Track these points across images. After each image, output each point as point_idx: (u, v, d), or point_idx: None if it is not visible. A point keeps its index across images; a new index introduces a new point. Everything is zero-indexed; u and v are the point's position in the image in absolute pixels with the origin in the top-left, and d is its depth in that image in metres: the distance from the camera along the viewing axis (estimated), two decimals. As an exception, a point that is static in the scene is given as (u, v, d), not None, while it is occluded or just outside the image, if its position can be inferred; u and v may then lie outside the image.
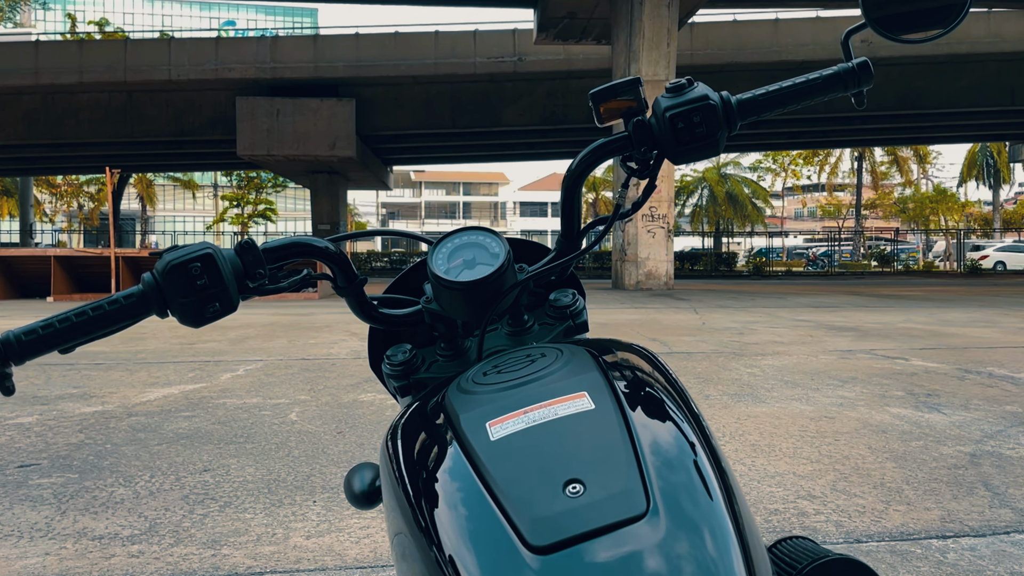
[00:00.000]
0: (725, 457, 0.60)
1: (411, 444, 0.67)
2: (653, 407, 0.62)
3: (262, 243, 0.77)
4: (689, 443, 0.58)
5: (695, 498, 0.52)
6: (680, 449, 0.57)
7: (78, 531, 2.43)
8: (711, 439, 0.60)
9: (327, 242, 0.81)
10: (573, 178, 0.83)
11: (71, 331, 0.69)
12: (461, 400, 0.65)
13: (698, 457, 0.56)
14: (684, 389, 0.67)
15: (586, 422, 0.58)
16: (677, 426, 0.59)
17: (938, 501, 2.71)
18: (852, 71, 0.79)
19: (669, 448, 0.57)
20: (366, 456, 3.30)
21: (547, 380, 0.64)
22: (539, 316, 0.89)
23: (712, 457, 0.58)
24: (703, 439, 0.59)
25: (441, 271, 0.80)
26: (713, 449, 0.59)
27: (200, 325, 0.72)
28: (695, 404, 0.65)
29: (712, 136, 0.77)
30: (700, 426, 0.61)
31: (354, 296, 0.85)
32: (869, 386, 4.86)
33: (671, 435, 0.58)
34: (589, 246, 0.85)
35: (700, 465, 0.56)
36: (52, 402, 4.46)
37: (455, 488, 0.57)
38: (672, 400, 0.63)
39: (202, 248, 0.71)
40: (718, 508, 0.52)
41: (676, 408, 0.62)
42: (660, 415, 0.61)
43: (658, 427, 0.59)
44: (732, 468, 0.59)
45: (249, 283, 0.75)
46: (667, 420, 0.60)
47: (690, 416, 0.62)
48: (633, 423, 0.57)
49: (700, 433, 0.60)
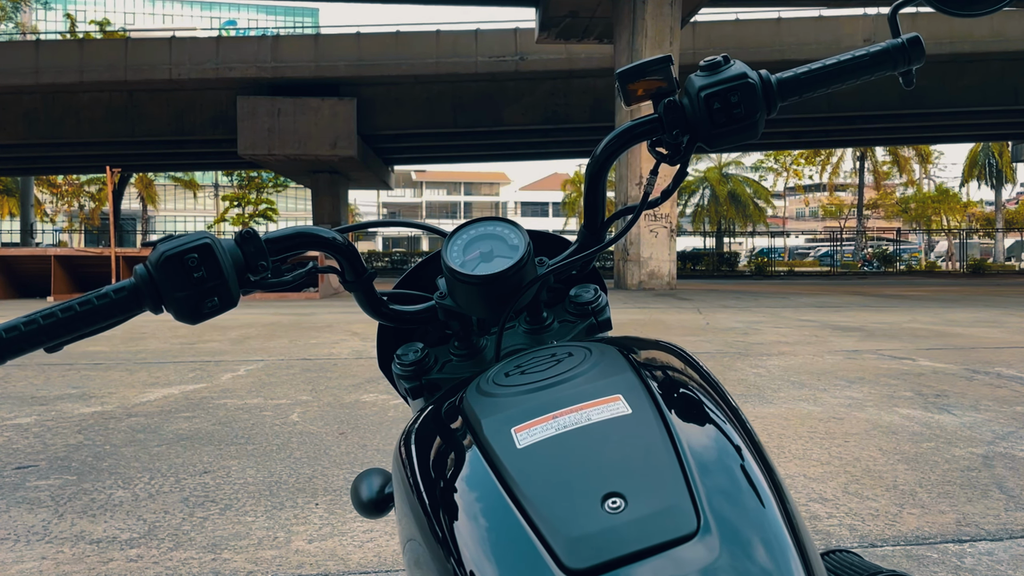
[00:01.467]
0: (773, 461, 0.54)
1: (428, 451, 0.61)
2: (694, 409, 0.56)
3: (264, 233, 0.72)
4: (736, 448, 0.52)
5: (749, 512, 0.47)
6: (728, 456, 0.52)
7: (76, 534, 2.38)
8: (758, 443, 0.55)
9: (335, 232, 0.76)
10: (598, 165, 0.77)
11: (56, 328, 0.63)
12: (482, 403, 0.60)
13: (747, 464, 0.51)
14: (724, 388, 0.62)
15: (623, 428, 0.52)
16: (721, 430, 0.54)
17: (952, 504, 2.66)
18: (902, 47, 0.73)
19: (716, 455, 0.51)
20: (368, 457, 3.25)
21: (576, 382, 0.58)
22: (559, 313, 0.84)
23: (762, 463, 0.52)
24: (750, 443, 0.54)
25: (456, 264, 0.75)
26: (761, 454, 0.54)
27: (197, 321, 0.67)
28: (737, 404, 0.60)
29: (751, 118, 0.72)
30: (745, 429, 0.56)
31: (363, 291, 0.80)
32: (877, 387, 4.81)
33: (716, 441, 0.53)
34: (614, 238, 0.79)
35: (750, 473, 0.50)
36: (51, 402, 4.41)
37: (479, 501, 0.52)
38: (713, 401, 0.58)
39: (199, 238, 0.66)
40: (774, 522, 0.47)
41: (718, 410, 0.57)
42: (702, 418, 0.55)
43: (702, 432, 0.54)
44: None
45: (250, 276, 0.69)
46: (710, 424, 0.55)
47: (734, 418, 0.57)
48: (675, 428, 0.52)
49: (746, 437, 0.55)
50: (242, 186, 39.57)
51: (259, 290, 0.71)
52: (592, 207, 0.80)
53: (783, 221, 61.25)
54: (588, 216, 0.80)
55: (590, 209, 0.80)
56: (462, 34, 24.63)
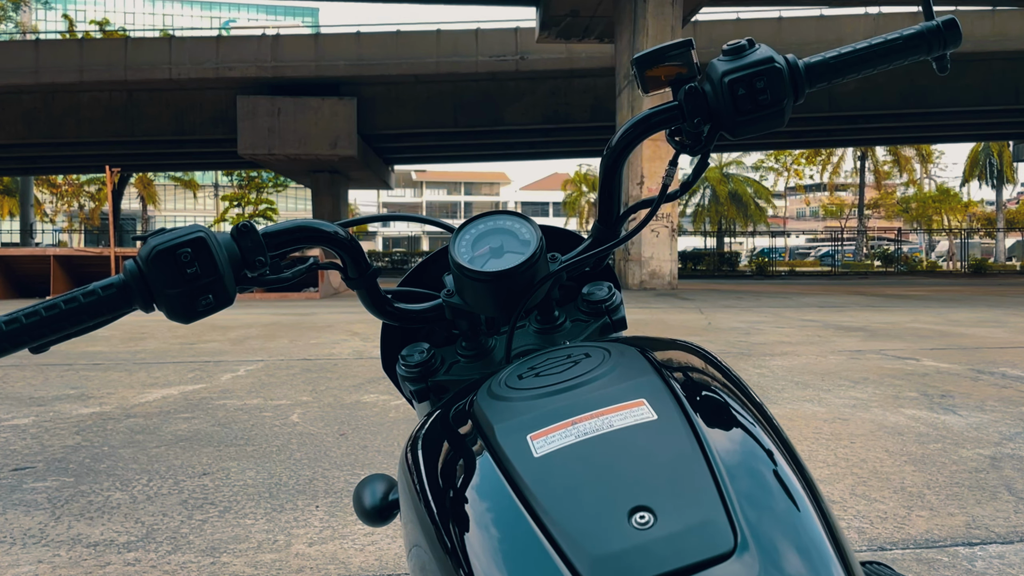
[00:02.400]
0: (806, 464, 0.51)
1: (436, 457, 0.58)
2: (722, 413, 0.53)
3: (263, 227, 0.68)
4: (769, 454, 0.49)
5: (788, 526, 0.44)
6: (761, 463, 0.48)
7: (72, 537, 2.34)
8: (791, 446, 0.52)
9: (337, 226, 0.72)
10: (614, 155, 0.74)
11: (40, 327, 0.60)
12: (494, 408, 0.56)
13: (781, 471, 0.48)
14: (751, 389, 0.58)
15: (649, 435, 0.49)
16: (752, 435, 0.51)
17: (961, 506, 2.62)
18: (937, 30, 0.69)
19: (749, 463, 0.48)
20: (370, 459, 3.21)
21: (596, 385, 0.55)
22: (570, 312, 0.81)
23: (797, 469, 0.49)
24: (783, 448, 0.50)
25: (465, 260, 0.71)
26: (795, 458, 0.50)
27: (191, 320, 0.63)
28: (766, 406, 0.57)
29: (777, 104, 0.68)
30: (777, 432, 0.52)
31: (366, 288, 0.76)
32: (881, 387, 4.77)
33: (748, 447, 0.49)
34: (630, 233, 0.76)
35: (786, 481, 0.47)
36: (49, 403, 4.38)
37: (493, 513, 0.48)
38: (741, 404, 0.54)
39: (193, 231, 0.62)
40: (815, 535, 0.44)
41: (747, 413, 0.53)
42: (732, 422, 0.52)
43: (732, 438, 0.50)
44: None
45: (247, 272, 0.66)
46: (740, 428, 0.51)
47: (764, 421, 0.53)
48: (703, 435, 0.48)
49: (779, 440, 0.51)
50: (242, 186, 39.52)
51: (257, 287, 0.67)
52: (607, 201, 0.76)
53: (784, 221, 61.20)
54: (603, 210, 0.77)
55: (605, 203, 0.76)
56: (463, 33, 24.60)
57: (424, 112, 25.79)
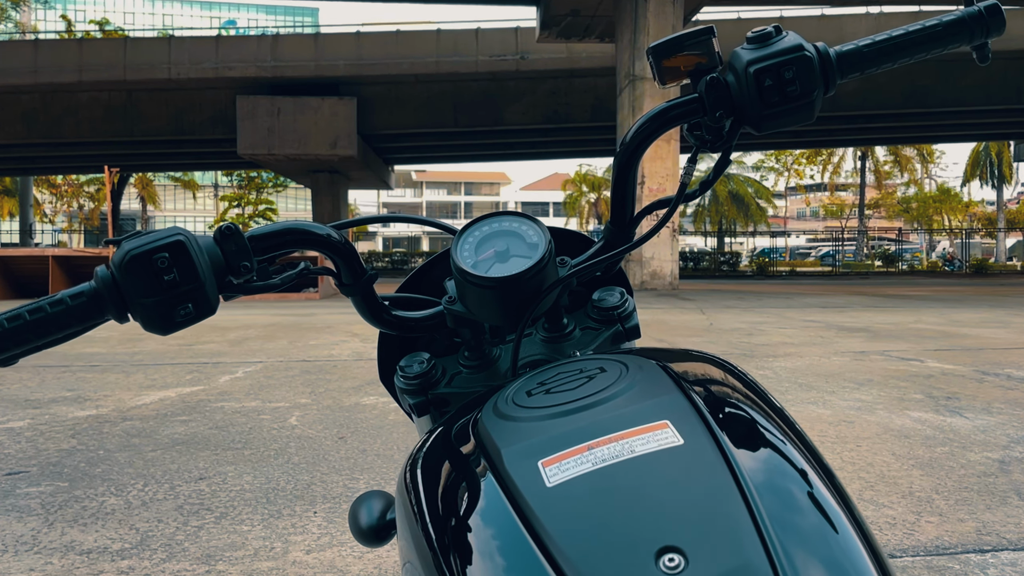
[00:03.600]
0: (848, 491, 0.46)
1: (437, 482, 0.53)
2: (755, 437, 0.48)
3: (249, 230, 0.63)
4: (810, 484, 0.44)
5: (835, 567, 0.39)
6: (802, 495, 0.43)
7: (65, 544, 2.30)
8: (832, 474, 0.47)
9: (330, 229, 0.67)
10: (628, 152, 0.69)
11: (3, 340, 0.55)
12: (501, 429, 0.51)
13: (825, 504, 0.43)
14: (784, 409, 0.53)
15: (675, 462, 0.44)
16: (790, 462, 0.46)
17: (971, 512, 2.58)
18: (979, 17, 0.64)
19: (789, 495, 0.43)
20: (369, 463, 3.16)
21: (614, 404, 0.50)
22: (580, 320, 0.76)
23: (840, 499, 0.44)
24: (824, 475, 0.46)
25: (468, 264, 0.66)
26: (837, 487, 0.45)
27: (169, 331, 0.58)
28: (801, 427, 0.52)
29: (807, 96, 0.63)
30: (818, 459, 0.47)
31: (362, 295, 0.71)
32: (886, 389, 4.72)
33: (787, 476, 0.45)
34: (647, 235, 0.71)
35: (830, 514, 0.42)
36: (45, 405, 4.33)
37: (500, 549, 0.43)
38: (775, 425, 0.50)
39: (171, 234, 0.57)
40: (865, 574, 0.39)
41: (783, 436, 0.48)
42: (766, 447, 0.47)
43: (768, 465, 0.45)
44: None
45: (232, 279, 0.61)
46: (777, 454, 0.46)
47: (801, 445, 0.48)
48: (736, 462, 0.43)
49: (819, 467, 0.46)
50: (242, 186, 39.47)
51: (242, 294, 0.63)
52: (620, 201, 0.71)
53: (784, 221, 61.14)
54: (616, 211, 0.72)
55: (618, 203, 0.71)
56: (463, 33, 24.55)
57: (424, 112, 25.73)
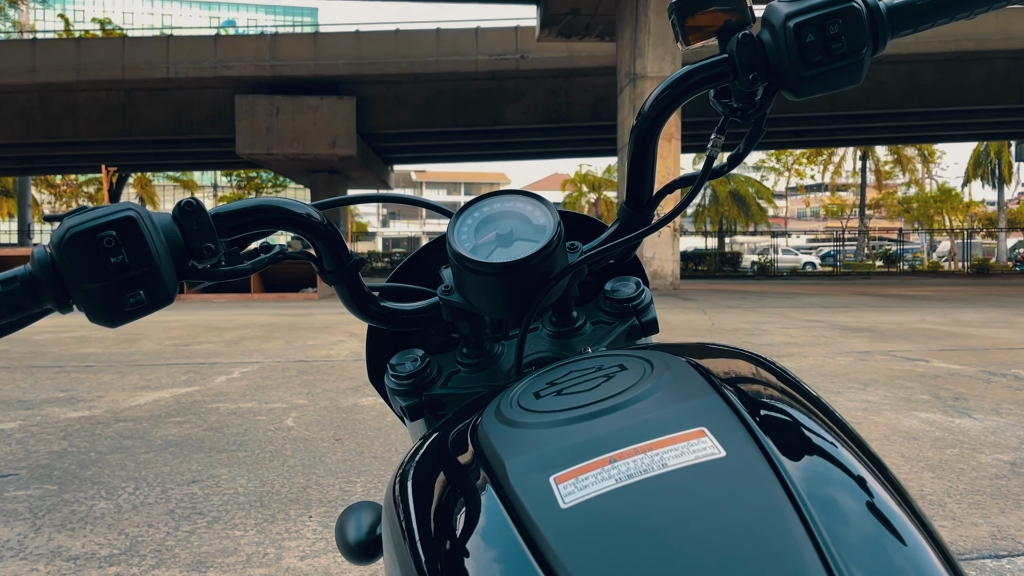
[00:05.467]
0: (920, 506, 0.38)
1: (430, 499, 0.45)
2: (807, 445, 0.40)
3: (215, 207, 0.56)
4: (877, 500, 0.36)
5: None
6: (870, 515, 0.35)
7: (52, 550, 2.23)
8: (899, 484, 0.39)
9: (310, 208, 0.59)
10: (647, 123, 0.61)
11: None
12: (505, 437, 0.43)
13: (899, 524, 0.35)
14: (836, 411, 0.46)
15: (717, 479, 0.36)
16: (851, 474, 0.38)
17: (985, 516, 2.51)
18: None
19: (855, 516, 0.35)
20: (366, 465, 3.09)
21: (639, 408, 0.42)
22: (591, 312, 0.68)
23: (915, 518, 0.36)
24: (893, 488, 0.38)
25: (466, 249, 0.59)
26: (909, 502, 0.38)
27: (118, 322, 0.51)
28: (860, 433, 0.44)
29: (854, 55, 0.55)
30: (881, 468, 0.40)
31: (346, 283, 0.64)
32: (892, 389, 4.65)
33: (849, 492, 0.37)
34: (667, 217, 0.63)
35: (906, 538, 0.34)
36: (37, 406, 4.26)
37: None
38: (830, 431, 0.42)
39: (120, 210, 0.50)
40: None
41: (839, 443, 0.41)
42: (822, 457, 0.39)
43: (827, 480, 0.37)
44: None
45: (194, 262, 0.53)
46: (834, 465, 0.39)
47: (862, 454, 0.40)
48: (790, 477, 0.36)
49: (885, 479, 0.38)
50: (241, 186, 39.40)
51: (206, 280, 0.55)
52: (638, 180, 0.63)
53: (785, 221, 61.04)
54: (632, 190, 0.64)
55: (635, 181, 0.64)
56: (462, 32, 24.47)
57: (424, 111, 25.65)
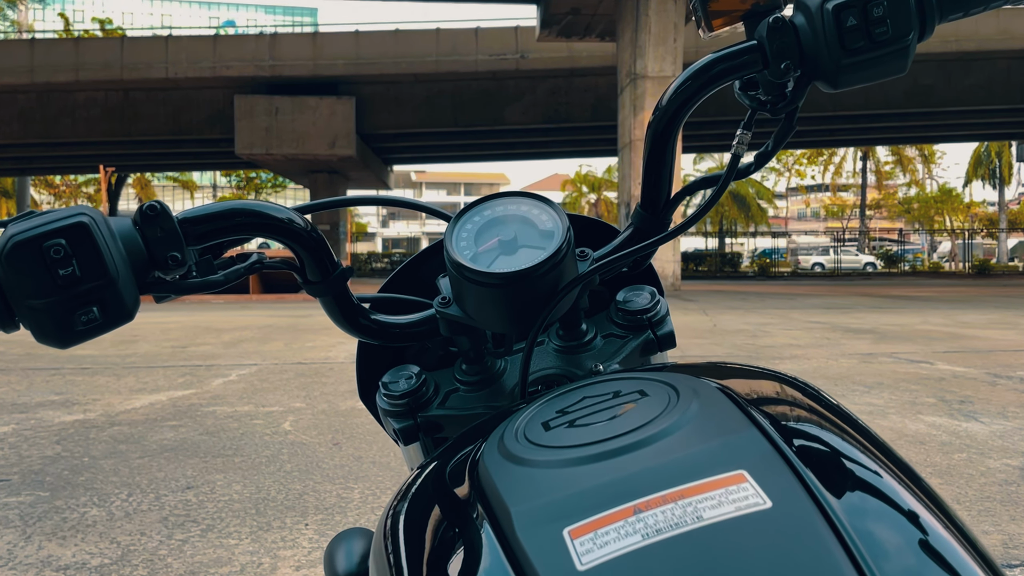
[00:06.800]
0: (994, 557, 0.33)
1: (421, 550, 0.40)
2: (867, 493, 0.34)
3: (182, 211, 0.50)
4: (951, 558, 0.31)
5: None
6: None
7: (42, 560, 2.17)
8: (968, 533, 0.33)
9: (291, 212, 0.54)
10: (666, 118, 0.55)
11: None
12: (510, 477, 0.37)
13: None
14: (890, 446, 0.40)
15: (764, 537, 0.30)
16: (920, 528, 0.32)
17: (996, 523, 2.45)
18: None
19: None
20: (364, 471, 3.03)
21: (666, 445, 0.35)
22: (601, 325, 0.62)
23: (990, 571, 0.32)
24: (965, 541, 0.32)
25: (466, 257, 0.53)
26: (983, 556, 0.32)
27: (68, 343, 0.45)
28: (916, 469, 0.38)
29: (900, 40, 0.50)
30: (948, 515, 0.34)
31: (333, 295, 0.58)
32: (897, 392, 4.60)
33: (920, 552, 0.31)
34: (687, 222, 0.57)
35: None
36: (31, 410, 4.20)
37: None
38: (890, 473, 0.36)
39: (70, 216, 0.44)
40: None
41: (903, 489, 0.35)
42: (884, 506, 0.33)
43: (894, 537, 0.31)
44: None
45: (159, 273, 0.48)
46: (899, 516, 0.33)
47: (929, 500, 0.35)
48: (850, 534, 0.30)
49: (955, 529, 0.33)
50: (240, 187, 39.32)
51: (174, 294, 0.49)
52: (654, 181, 0.58)
53: (785, 222, 60.98)
54: (648, 192, 0.58)
55: (651, 184, 0.58)
56: (462, 32, 24.40)
57: (423, 112, 25.58)
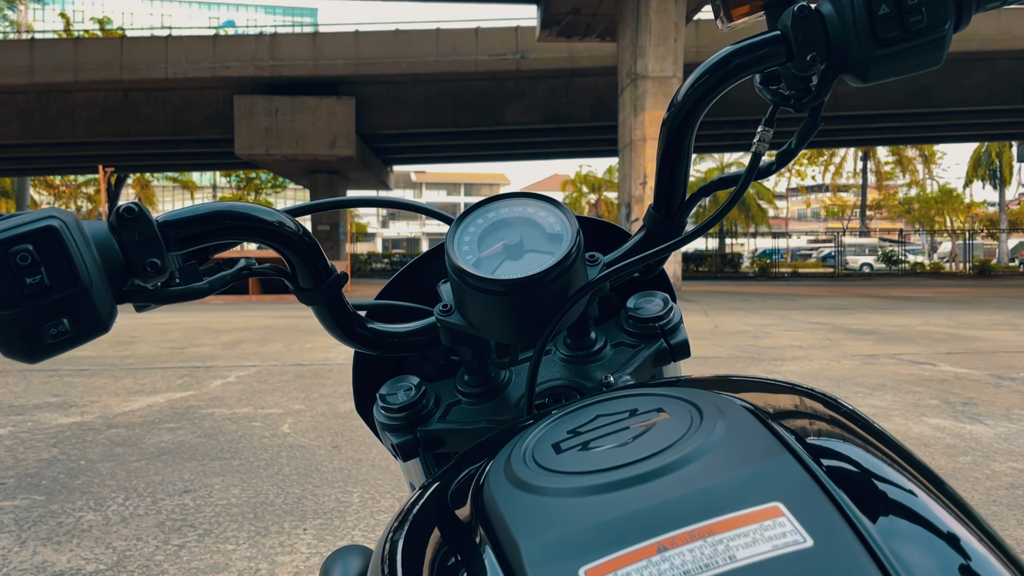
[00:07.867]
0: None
1: (420, 572, 0.37)
2: (915, 525, 0.31)
3: (163, 213, 0.47)
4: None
5: None
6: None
7: (36, 565, 2.14)
8: (1021, 564, 0.31)
9: (282, 215, 0.50)
10: (682, 114, 0.52)
11: None
12: (518, 506, 0.34)
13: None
14: (931, 468, 0.37)
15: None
16: (967, 556, 0.30)
17: (1003, 527, 2.42)
18: None
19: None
20: (363, 474, 3.00)
21: (691, 473, 0.32)
22: (611, 333, 0.59)
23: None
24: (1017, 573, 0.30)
25: (468, 263, 0.50)
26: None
27: (37, 358, 0.42)
28: (962, 495, 0.35)
29: (936, 30, 0.47)
30: (999, 545, 0.31)
31: (326, 303, 0.55)
32: (900, 394, 4.56)
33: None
34: (704, 225, 0.54)
35: None
36: (28, 412, 4.17)
37: None
38: (939, 503, 0.32)
39: (39, 219, 0.41)
40: None
41: (954, 521, 0.31)
42: (935, 541, 0.30)
43: (944, 573, 0.29)
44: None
45: (138, 281, 0.44)
46: (954, 553, 0.30)
47: (974, 523, 0.32)
48: (898, 573, 0.27)
49: (1008, 560, 0.31)
50: (240, 187, 39.31)
51: (153, 303, 0.46)
52: (668, 181, 0.55)
53: (785, 222, 60.95)
54: (662, 194, 0.55)
55: (665, 184, 0.55)
56: (462, 32, 24.38)
57: (424, 112, 25.55)
